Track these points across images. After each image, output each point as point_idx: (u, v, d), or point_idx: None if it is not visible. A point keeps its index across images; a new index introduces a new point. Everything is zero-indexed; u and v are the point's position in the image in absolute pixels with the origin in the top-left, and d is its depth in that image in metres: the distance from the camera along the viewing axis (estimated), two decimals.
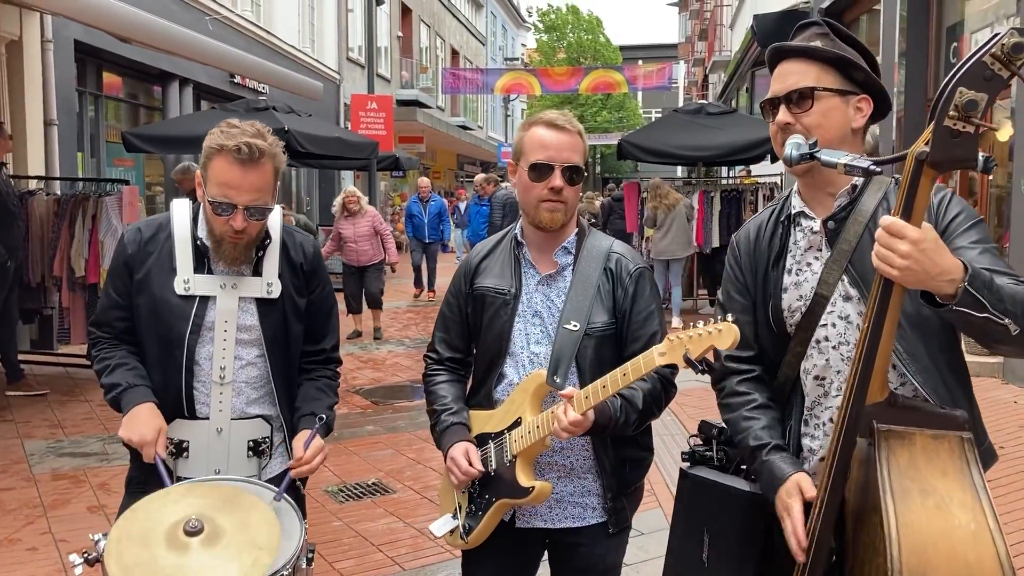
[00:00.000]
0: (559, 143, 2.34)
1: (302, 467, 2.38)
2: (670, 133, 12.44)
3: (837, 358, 1.97)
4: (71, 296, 7.90)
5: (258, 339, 2.45)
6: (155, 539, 1.95)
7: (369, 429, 6.81)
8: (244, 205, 2.28)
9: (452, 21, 35.05)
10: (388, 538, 4.62)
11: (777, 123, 1.96)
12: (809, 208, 2.04)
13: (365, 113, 15.73)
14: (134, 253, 2.44)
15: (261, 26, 16.77)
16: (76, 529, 4.62)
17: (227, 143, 2.26)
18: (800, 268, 2.03)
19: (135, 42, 8.07)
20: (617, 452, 2.38)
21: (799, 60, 1.99)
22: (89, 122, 11.78)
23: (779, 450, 2.00)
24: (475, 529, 2.40)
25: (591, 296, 2.34)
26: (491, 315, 2.43)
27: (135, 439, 2.28)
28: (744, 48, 18.06)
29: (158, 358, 2.42)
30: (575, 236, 2.44)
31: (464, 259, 2.59)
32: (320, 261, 2.62)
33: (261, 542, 1.97)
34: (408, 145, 23.31)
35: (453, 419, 2.45)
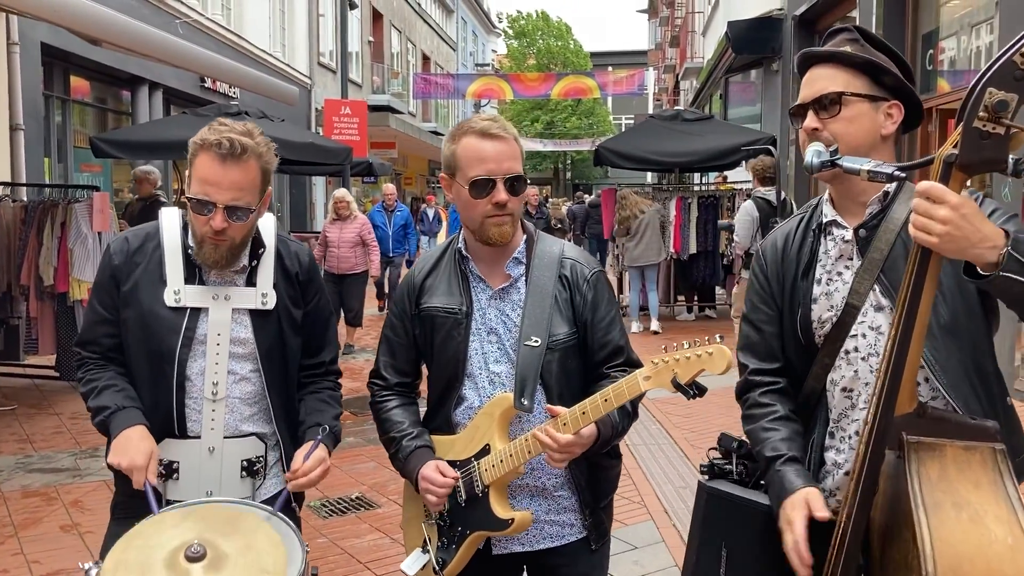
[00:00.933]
0: (498, 153, 2.18)
1: (299, 479, 2.25)
2: (647, 139, 12.44)
3: (866, 369, 1.91)
4: (39, 305, 7.68)
5: (252, 353, 2.32)
6: (154, 567, 1.82)
7: (350, 441, 6.67)
8: (224, 204, 2.15)
9: (423, 26, 34.93)
10: (375, 555, 4.49)
11: (805, 128, 1.90)
12: (841, 216, 1.98)
13: (339, 119, 15.56)
14: (121, 264, 2.31)
15: (232, 30, 16.56)
16: (49, 550, 4.44)
17: (210, 138, 2.15)
18: (831, 278, 1.98)
19: (105, 44, 7.86)
20: (589, 464, 2.27)
21: (828, 65, 1.94)
22: (56, 127, 11.54)
23: (794, 462, 1.94)
24: (450, 563, 2.27)
25: (549, 307, 2.22)
26: (443, 336, 2.28)
27: (125, 464, 2.14)
28: (718, 55, 18.12)
29: (147, 374, 2.29)
30: (524, 244, 2.30)
31: (404, 277, 2.44)
32: (316, 271, 2.50)
33: (267, 566, 1.85)
34: (380, 151, 23.13)
35: (416, 443, 2.31)
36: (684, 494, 5.32)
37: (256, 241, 2.35)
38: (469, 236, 2.29)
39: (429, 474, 2.23)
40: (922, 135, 9.58)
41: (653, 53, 47.62)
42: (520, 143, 2.26)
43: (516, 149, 2.23)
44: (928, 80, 9.73)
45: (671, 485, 5.51)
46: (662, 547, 4.56)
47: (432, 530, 2.32)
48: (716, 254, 12.14)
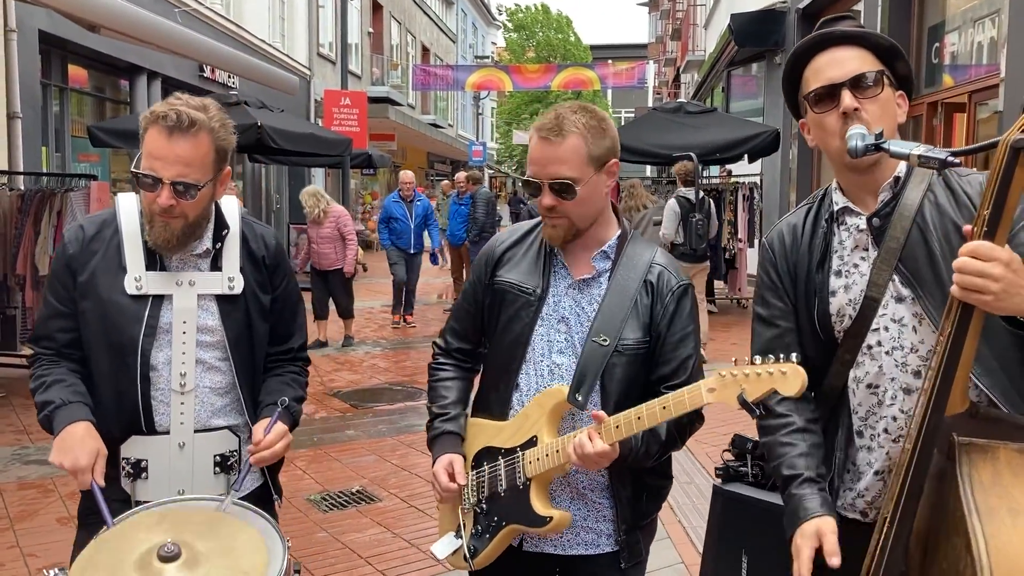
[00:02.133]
0: (543, 156, 2.10)
1: (262, 451, 2.15)
2: (649, 132, 12.33)
3: (891, 364, 1.82)
4: (35, 295, 7.60)
5: (220, 341, 2.22)
6: (125, 568, 1.73)
7: (349, 434, 6.61)
8: (170, 179, 2.04)
9: (423, 18, 34.78)
10: (376, 550, 4.43)
11: (845, 108, 1.77)
12: (853, 204, 1.89)
13: (339, 109, 15.46)
14: (76, 253, 2.18)
15: (231, 19, 16.44)
16: (45, 543, 4.38)
17: (158, 110, 2.06)
18: (848, 270, 1.89)
19: (103, 30, 7.77)
20: (635, 480, 2.17)
21: (854, 47, 1.84)
22: (54, 116, 11.43)
23: (812, 483, 1.85)
24: (481, 552, 2.20)
25: (627, 309, 2.12)
26: (511, 315, 2.21)
27: (67, 464, 2.00)
28: (720, 47, 18.03)
29: (109, 368, 2.17)
30: (616, 240, 2.21)
31: (487, 244, 2.36)
32: (283, 254, 2.39)
33: (246, 567, 1.77)
34: (379, 143, 23.06)
35: (447, 427, 2.26)
36: (689, 490, 5.26)
37: (220, 223, 2.25)
38: None
39: (438, 471, 2.19)
40: (927, 128, 9.51)
41: (653, 46, 47.53)
42: (588, 138, 2.10)
43: (567, 151, 2.09)
44: (934, 74, 9.65)
45: (676, 481, 5.41)
46: (667, 543, 4.49)
47: (468, 517, 2.25)
48: (719, 248, 12.07)
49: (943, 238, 1.77)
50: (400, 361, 9.44)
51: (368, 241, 21.67)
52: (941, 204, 1.80)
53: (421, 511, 4.96)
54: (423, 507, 5.02)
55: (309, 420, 6.97)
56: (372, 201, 26.16)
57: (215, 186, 2.17)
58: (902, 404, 1.82)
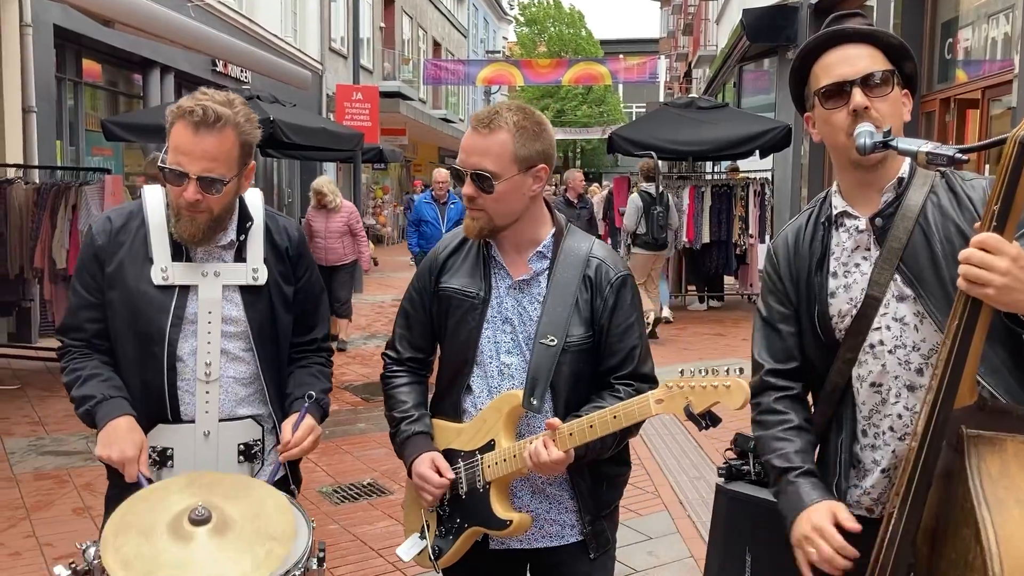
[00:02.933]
0: (470, 146, 2.13)
1: (291, 450, 2.20)
2: (660, 127, 12.33)
3: (894, 362, 1.84)
4: (53, 288, 7.67)
5: (245, 331, 2.26)
6: (157, 530, 1.78)
7: (361, 427, 6.66)
8: (197, 174, 2.09)
9: (434, 13, 34.77)
10: (387, 542, 4.46)
11: (855, 106, 1.79)
12: (852, 207, 1.91)
13: (350, 104, 15.47)
14: (104, 244, 2.23)
15: (243, 14, 16.48)
16: (61, 532, 4.43)
17: (185, 105, 2.09)
18: (848, 270, 1.91)
19: (118, 25, 7.82)
20: (593, 471, 2.20)
21: (864, 45, 1.85)
22: (68, 110, 11.49)
23: (811, 475, 1.87)
24: (446, 553, 2.23)
25: (569, 307, 2.14)
26: (457, 319, 2.23)
27: (115, 457, 2.07)
28: (732, 43, 17.97)
29: (136, 357, 2.21)
30: (551, 237, 2.22)
31: (430, 253, 2.38)
32: (306, 246, 2.43)
33: (274, 531, 1.81)
34: (390, 137, 23.07)
35: (415, 428, 2.26)
36: (698, 484, 5.28)
37: (243, 215, 2.29)
38: None
39: (424, 471, 2.18)
40: (939, 124, 9.48)
41: (665, 41, 47.39)
42: (518, 136, 2.11)
43: (495, 143, 2.10)
44: (947, 69, 9.61)
45: (685, 475, 5.47)
46: (677, 538, 4.52)
47: (432, 517, 2.28)
48: (730, 243, 12.07)
49: (945, 239, 1.79)
50: None
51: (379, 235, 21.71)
52: (943, 206, 1.82)
53: None
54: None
55: None
56: (383, 196, 26.22)
57: (240, 180, 2.21)
58: (906, 401, 1.84)
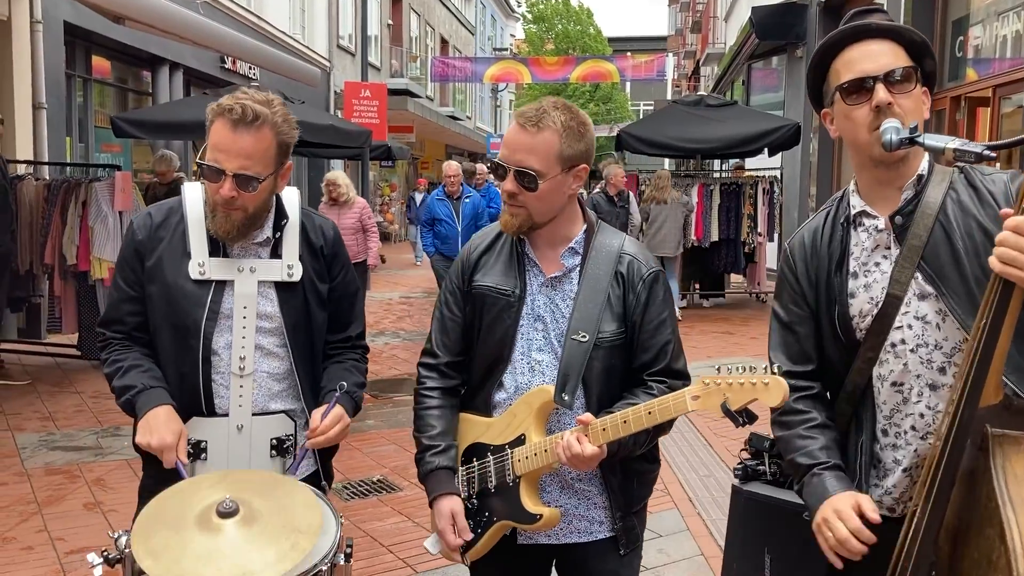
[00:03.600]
0: (515, 142, 2.12)
1: (318, 437, 2.22)
2: (669, 125, 12.32)
3: (916, 361, 1.83)
4: (62, 284, 7.70)
5: (279, 327, 2.29)
6: (186, 522, 1.82)
7: (370, 423, 6.66)
8: (233, 172, 2.12)
9: (442, 10, 34.76)
10: (398, 538, 4.47)
11: (879, 102, 1.78)
12: (870, 206, 1.90)
13: (358, 101, 15.48)
14: (144, 239, 2.28)
15: (252, 11, 16.50)
16: (73, 527, 4.45)
17: (225, 103, 2.12)
18: (868, 269, 1.89)
19: (128, 22, 7.84)
20: (624, 468, 2.20)
21: (886, 41, 1.84)
22: (77, 106, 11.52)
23: (837, 470, 1.86)
24: (473, 546, 2.22)
25: (601, 303, 2.14)
26: (493, 317, 2.22)
27: (155, 444, 2.11)
28: (741, 40, 17.94)
29: (173, 350, 2.26)
30: (583, 234, 2.23)
31: (461, 252, 2.37)
32: (341, 245, 2.46)
33: (300, 525, 1.83)
34: (398, 135, 23.07)
35: (439, 460, 2.23)
36: (708, 483, 5.28)
37: (280, 212, 2.32)
38: None
39: (444, 528, 2.18)
40: (950, 122, 9.44)
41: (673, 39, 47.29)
42: (563, 135, 2.12)
43: (541, 143, 2.10)
44: (958, 68, 9.58)
45: (695, 473, 5.46)
46: (687, 535, 4.52)
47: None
48: (738, 242, 12.04)
49: (966, 235, 1.78)
50: (419, 352, 9.44)
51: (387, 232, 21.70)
52: (964, 202, 1.81)
53: None
54: None
55: None
56: (391, 193, 26.23)
57: (276, 179, 2.24)
58: (928, 400, 1.83)
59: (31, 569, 4.02)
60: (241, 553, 1.75)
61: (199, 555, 1.74)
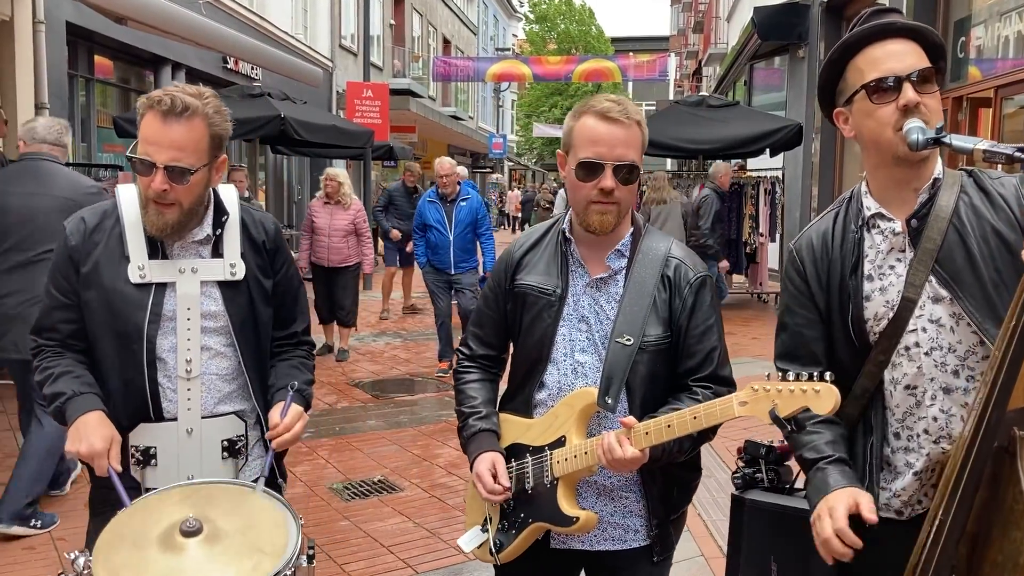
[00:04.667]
0: (611, 138, 2.08)
1: (284, 435, 2.20)
2: (671, 125, 12.29)
3: (930, 364, 1.83)
4: None
5: (225, 326, 2.26)
6: (148, 540, 1.81)
7: (371, 424, 6.67)
8: (164, 164, 2.08)
9: (444, 10, 34.76)
10: (399, 539, 4.48)
11: (908, 102, 1.78)
12: (885, 208, 1.89)
13: (361, 101, 15.48)
14: (78, 244, 2.21)
15: (254, 11, 16.51)
16: (75, 527, 4.45)
17: (154, 95, 2.10)
18: (883, 272, 1.89)
19: (130, 22, 7.85)
20: (665, 475, 2.17)
21: (908, 41, 1.85)
22: (80, 106, 11.53)
23: (841, 464, 1.86)
24: (507, 547, 2.23)
25: (646, 307, 2.12)
26: (533, 316, 2.22)
27: (83, 451, 2.05)
28: (743, 41, 17.92)
29: (116, 356, 2.20)
30: (630, 236, 2.21)
31: (505, 250, 2.38)
32: (282, 239, 2.43)
33: (264, 546, 1.82)
34: (400, 135, 23.06)
35: (481, 424, 2.26)
36: (708, 483, 5.28)
37: (219, 209, 2.29)
38: (574, 219, 2.22)
39: (483, 472, 2.18)
40: (951, 123, 9.43)
41: (675, 39, 47.28)
42: (643, 129, 2.14)
43: (635, 136, 2.11)
44: (960, 68, 9.57)
45: None
46: (687, 536, 4.51)
47: (495, 511, 2.27)
48: (739, 242, 12.04)
49: (982, 239, 1.79)
50: (421, 352, 9.48)
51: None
52: (976, 206, 1.82)
53: (442, 501, 5.02)
54: (444, 497, 5.07)
55: (331, 410, 7.05)
56: None
57: (210, 172, 2.21)
58: (942, 404, 1.83)
59: (33, 569, 4.04)
60: (202, 573, 1.75)
61: (159, 574, 1.74)
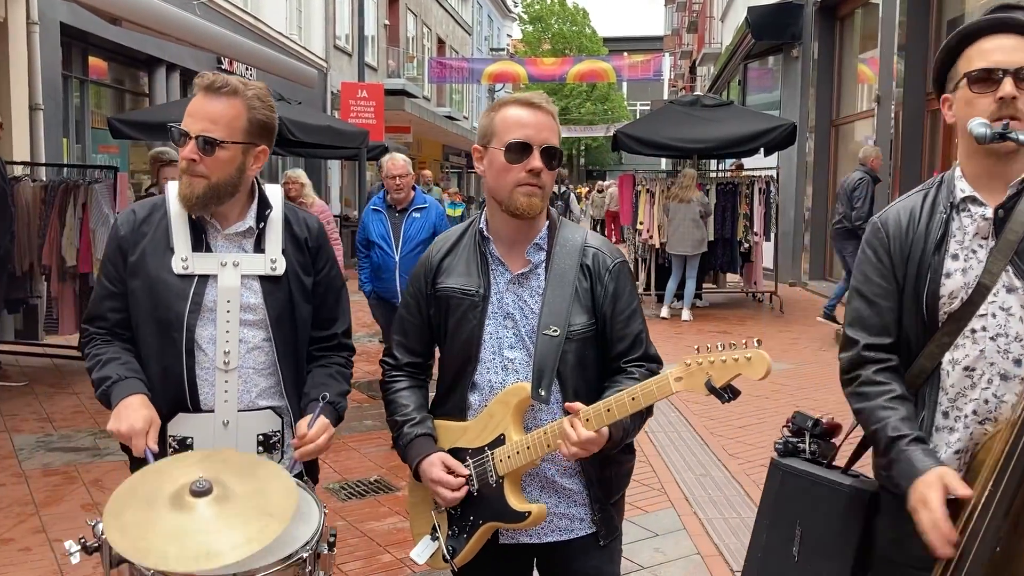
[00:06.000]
0: (537, 122, 2.15)
1: (307, 445, 2.21)
2: (665, 125, 12.32)
3: (993, 349, 1.88)
4: (60, 286, 7.70)
5: (263, 320, 2.28)
6: (159, 499, 1.83)
7: (368, 424, 6.67)
8: (196, 133, 2.17)
9: (439, 10, 34.76)
10: (395, 538, 4.48)
11: (1004, 94, 1.84)
12: (979, 194, 1.95)
13: (355, 102, 15.46)
14: (127, 235, 2.30)
15: (249, 12, 16.52)
16: (71, 528, 4.45)
17: (206, 74, 2.23)
18: (967, 255, 1.94)
19: (125, 23, 7.84)
20: (602, 459, 2.20)
21: (1020, 36, 1.90)
22: (74, 107, 11.53)
23: (920, 442, 1.89)
24: (460, 552, 2.23)
25: (569, 297, 2.16)
26: (458, 318, 2.23)
27: (123, 429, 2.10)
28: (737, 40, 17.97)
29: (156, 344, 2.26)
30: (547, 229, 2.25)
31: (423, 256, 2.37)
32: (326, 238, 2.46)
33: (274, 510, 1.83)
34: (395, 135, 23.06)
35: (417, 430, 2.26)
36: (704, 482, 5.30)
37: (263, 203, 2.33)
38: (494, 211, 2.24)
39: (437, 475, 2.18)
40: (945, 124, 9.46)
41: (669, 39, 47.38)
42: (558, 121, 2.23)
43: (555, 124, 2.20)
44: None
45: (692, 473, 5.48)
46: (683, 534, 4.53)
47: (442, 518, 2.28)
48: (734, 241, 12.07)
49: None
50: None
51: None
52: None
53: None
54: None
55: None
56: None
57: (246, 156, 2.25)
58: (996, 389, 1.88)
59: (29, 570, 4.04)
60: (208, 532, 1.75)
61: (166, 532, 1.75)
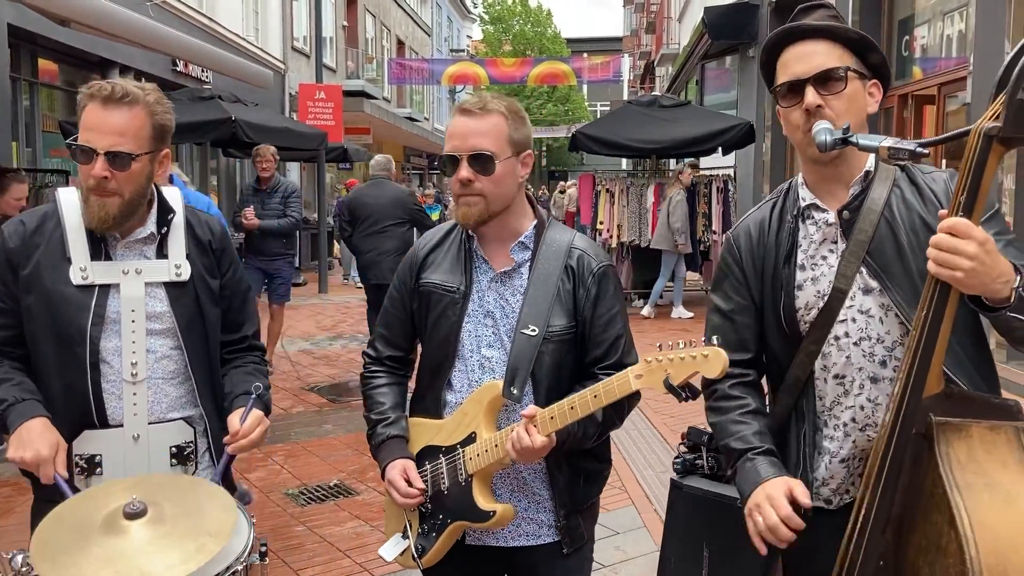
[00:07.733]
0: (465, 130, 2.12)
1: (240, 441, 2.15)
2: (624, 125, 12.39)
3: (859, 354, 1.86)
4: None
5: (171, 328, 2.20)
6: (92, 525, 1.76)
7: (327, 428, 6.61)
8: (104, 150, 2.04)
9: (398, 11, 34.60)
10: (355, 543, 4.44)
11: (807, 106, 1.81)
12: (820, 200, 1.93)
13: (313, 103, 15.37)
14: (17, 247, 2.15)
15: (204, 13, 16.29)
16: (22, 541, 4.33)
17: (95, 85, 2.10)
18: (815, 263, 1.92)
19: (74, 24, 7.69)
20: (572, 465, 2.19)
21: (821, 40, 1.86)
22: (24, 111, 11.28)
23: (770, 455, 1.89)
24: (429, 551, 2.22)
25: (551, 297, 2.14)
26: (438, 314, 2.22)
27: (29, 458, 1.98)
28: (694, 41, 18.11)
29: (58, 360, 2.14)
30: (533, 229, 2.23)
31: (410, 250, 2.37)
32: (229, 240, 2.40)
33: (210, 528, 1.79)
34: (355, 136, 22.92)
35: (390, 431, 2.26)
36: (664, 479, 5.31)
37: (163, 208, 2.25)
38: None
39: (395, 478, 2.18)
40: (897, 120, 9.62)
41: (628, 39, 47.63)
42: (510, 118, 2.15)
43: (489, 125, 2.12)
44: (904, 66, 9.77)
45: (651, 470, 5.51)
46: (643, 532, 4.55)
47: (414, 517, 2.27)
48: (694, 240, 12.15)
49: (911, 231, 1.82)
50: None
51: None
52: (907, 199, 1.85)
53: None
54: None
55: (286, 415, 6.97)
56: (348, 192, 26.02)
57: (153, 163, 2.17)
58: (869, 393, 1.86)
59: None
60: (143, 555, 1.71)
61: (100, 558, 1.70)
